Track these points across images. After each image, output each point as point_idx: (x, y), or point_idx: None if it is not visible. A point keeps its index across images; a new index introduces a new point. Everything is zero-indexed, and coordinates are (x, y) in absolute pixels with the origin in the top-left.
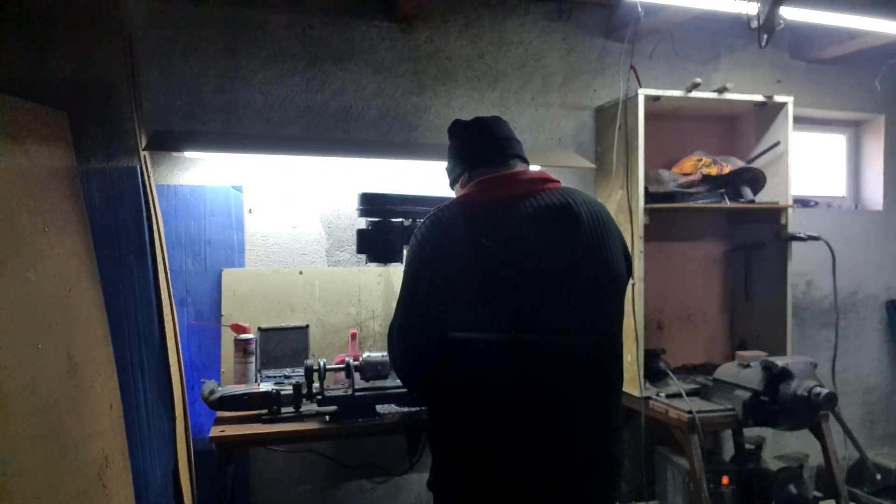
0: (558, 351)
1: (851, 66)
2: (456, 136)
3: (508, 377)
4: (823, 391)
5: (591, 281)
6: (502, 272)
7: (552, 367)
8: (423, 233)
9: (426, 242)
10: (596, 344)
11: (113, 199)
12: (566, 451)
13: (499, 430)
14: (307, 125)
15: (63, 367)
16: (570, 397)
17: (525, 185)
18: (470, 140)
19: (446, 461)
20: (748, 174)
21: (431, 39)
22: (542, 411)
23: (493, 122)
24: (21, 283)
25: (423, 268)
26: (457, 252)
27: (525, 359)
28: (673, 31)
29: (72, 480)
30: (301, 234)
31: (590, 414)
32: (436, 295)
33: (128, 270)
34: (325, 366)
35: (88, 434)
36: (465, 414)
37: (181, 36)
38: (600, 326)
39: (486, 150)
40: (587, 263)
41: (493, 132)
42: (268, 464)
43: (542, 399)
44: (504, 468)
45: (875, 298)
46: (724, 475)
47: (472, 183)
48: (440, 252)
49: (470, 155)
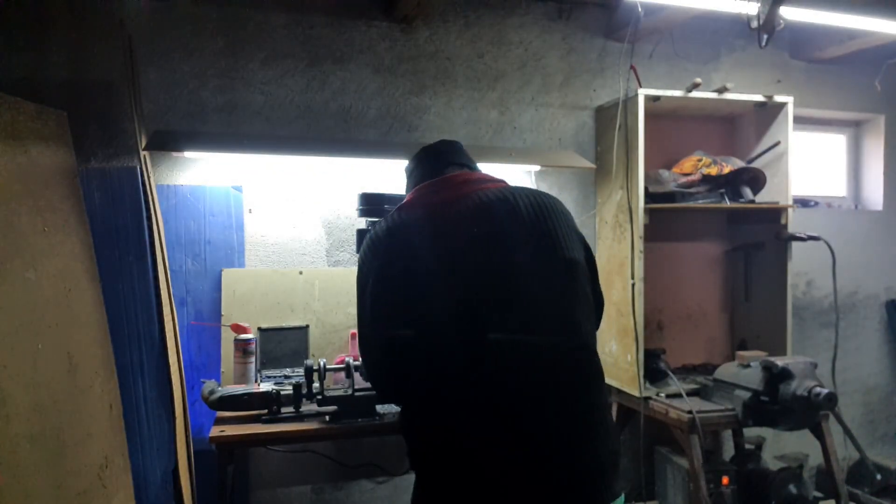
0: (517, 348)
1: (851, 66)
2: (408, 167)
3: (465, 379)
4: (823, 391)
5: (541, 269)
6: (447, 270)
7: (511, 367)
8: (369, 243)
9: (373, 250)
10: (558, 337)
11: (113, 199)
12: (537, 457)
13: (464, 438)
14: (307, 125)
15: (63, 367)
16: (535, 397)
17: (459, 187)
18: (415, 162)
19: (417, 465)
20: (748, 174)
21: (431, 39)
22: (505, 415)
23: (438, 143)
24: (21, 283)
25: (373, 276)
26: (402, 256)
27: (482, 358)
28: (673, 31)
29: (72, 480)
30: (301, 234)
31: (561, 414)
32: (388, 301)
33: (128, 270)
34: (324, 366)
35: (88, 434)
36: (430, 422)
37: (181, 36)
38: (561, 318)
39: (424, 165)
40: (533, 251)
41: (433, 148)
42: (268, 464)
43: (504, 401)
44: (473, 477)
45: (875, 298)
46: (724, 475)
47: (411, 191)
48: (387, 259)
49: (413, 176)
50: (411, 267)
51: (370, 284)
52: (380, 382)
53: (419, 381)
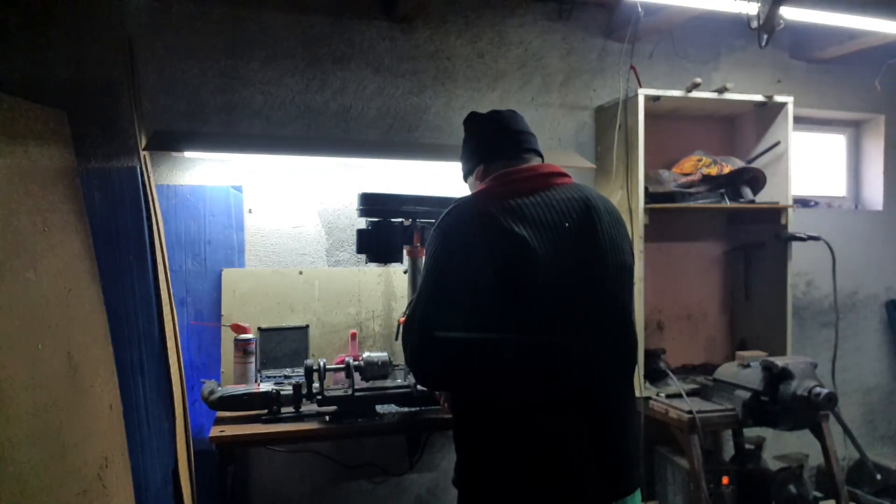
0: (587, 346)
1: (851, 66)
2: (472, 129)
3: (536, 373)
4: (823, 391)
5: (610, 275)
6: (529, 262)
7: (581, 363)
8: (447, 223)
9: (450, 233)
10: (619, 337)
11: (113, 199)
12: (595, 446)
13: (528, 426)
14: (307, 125)
15: (63, 367)
16: (598, 391)
17: (542, 179)
18: (486, 133)
19: (471, 458)
20: (748, 174)
21: (431, 39)
22: (571, 405)
23: (509, 116)
24: (21, 283)
25: (447, 258)
26: (481, 243)
27: (552, 354)
28: (673, 31)
29: (72, 480)
30: (301, 234)
31: (613, 406)
32: (460, 286)
33: (128, 270)
34: (324, 366)
35: (88, 434)
36: (492, 411)
37: (181, 36)
38: (622, 320)
39: (502, 143)
40: (608, 257)
41: (509, 125)
42: (268, 464)
43: (570, 394)
44: (534, 467)
45: (875, 298)
46: (724, 475)
47: (489, 178)
48: (465, 242)
49: (486, 148)
50: (491, 256)
51: (448, 265)
52: (435, 363)
53: (485, 368)
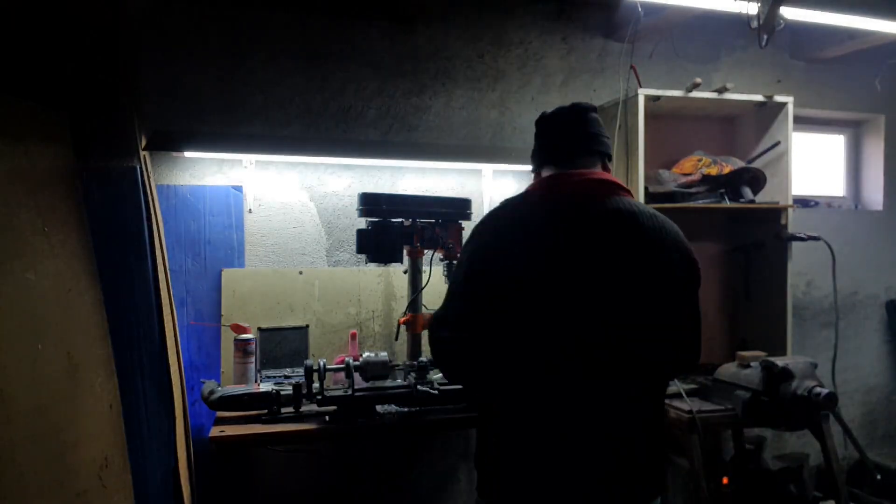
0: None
1: (851, 66)
2: (536, 131)
3: (550, 374)
4: (823, 391)
5: (642, 288)
6: (553, 269)
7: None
8: (485, 223)
9: (485, 233)
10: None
11: (113, 199)
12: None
13: (552, 432)
14: (307, 125)
15: (63, 367)
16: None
17: (583, 186)
18: (543, 136)
19: (493, 459)
20: (748, 174)
21: (431, 39)
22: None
23: (565, 118)
24: (21, 283)
25: (480, 259)
26: (512, 246)
27: (568, 359)
28: (673, 31)
29: (71, 480)
30: (301, 234)
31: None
32: (488, 287)
33: (128, 270)
34: (324, 366)
35: (88, 434)
36: (517, 414)
37: (181, 36)
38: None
39: (551, 148)
40: (643, 271)
41: (560, 129)
42: (268, 464)
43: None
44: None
45: (875, 298)
46: (724, 475)
47: (535, 181)
48: (497, 244)
49: (540, 152)
50: (521, 260)
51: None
52: (465, 361)
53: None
